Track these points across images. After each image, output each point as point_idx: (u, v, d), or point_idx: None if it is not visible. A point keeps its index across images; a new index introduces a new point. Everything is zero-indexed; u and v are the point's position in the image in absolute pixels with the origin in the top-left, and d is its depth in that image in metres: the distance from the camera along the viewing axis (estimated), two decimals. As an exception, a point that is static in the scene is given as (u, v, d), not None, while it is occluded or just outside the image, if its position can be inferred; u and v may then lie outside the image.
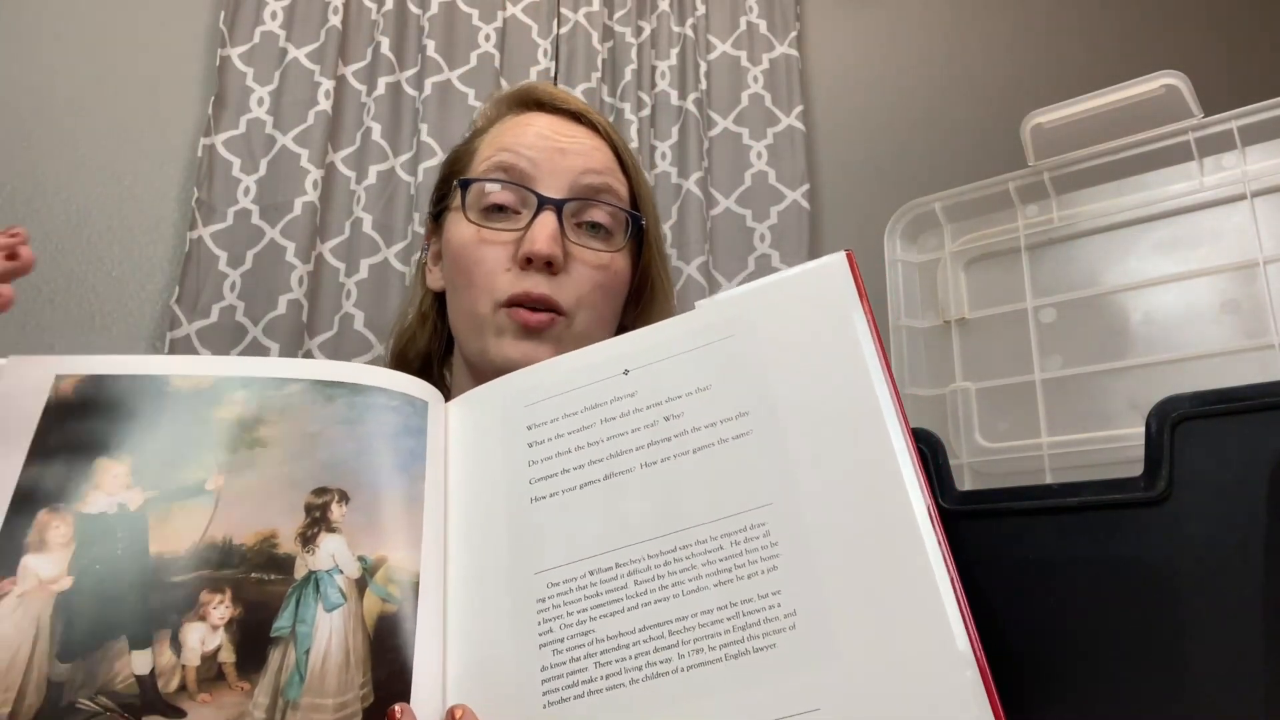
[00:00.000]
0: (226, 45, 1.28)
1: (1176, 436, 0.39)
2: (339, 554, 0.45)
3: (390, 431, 0.50)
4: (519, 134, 0.72)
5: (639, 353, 0.52)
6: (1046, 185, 0.70)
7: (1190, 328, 0.64)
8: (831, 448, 0.46)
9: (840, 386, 0.47)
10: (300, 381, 0.49)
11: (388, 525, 0.47)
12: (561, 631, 0.46)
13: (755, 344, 0.50)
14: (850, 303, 0.49)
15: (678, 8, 1.56)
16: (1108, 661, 0.39)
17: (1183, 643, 0.37)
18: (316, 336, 1.24)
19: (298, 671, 0.42)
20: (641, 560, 0.46)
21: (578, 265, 0.69)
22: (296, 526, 0.45)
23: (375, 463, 0.49)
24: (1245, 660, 0.36)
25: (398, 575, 0.46)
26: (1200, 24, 1.74)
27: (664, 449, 0.49)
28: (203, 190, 1.22)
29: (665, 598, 0.45)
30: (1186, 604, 0.37)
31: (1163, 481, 0.39)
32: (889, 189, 1.58)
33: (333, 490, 0.47)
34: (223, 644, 0.42)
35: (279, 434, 0.48)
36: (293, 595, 0.44)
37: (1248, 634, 0.36)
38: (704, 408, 0.49)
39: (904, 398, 0.71)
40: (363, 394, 0.50)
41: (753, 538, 0.45)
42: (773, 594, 0.43)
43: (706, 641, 0.43)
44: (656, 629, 0.44)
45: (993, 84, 1.68)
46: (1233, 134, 0.62)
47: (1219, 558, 0.37)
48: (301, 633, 0.43)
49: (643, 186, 0.76)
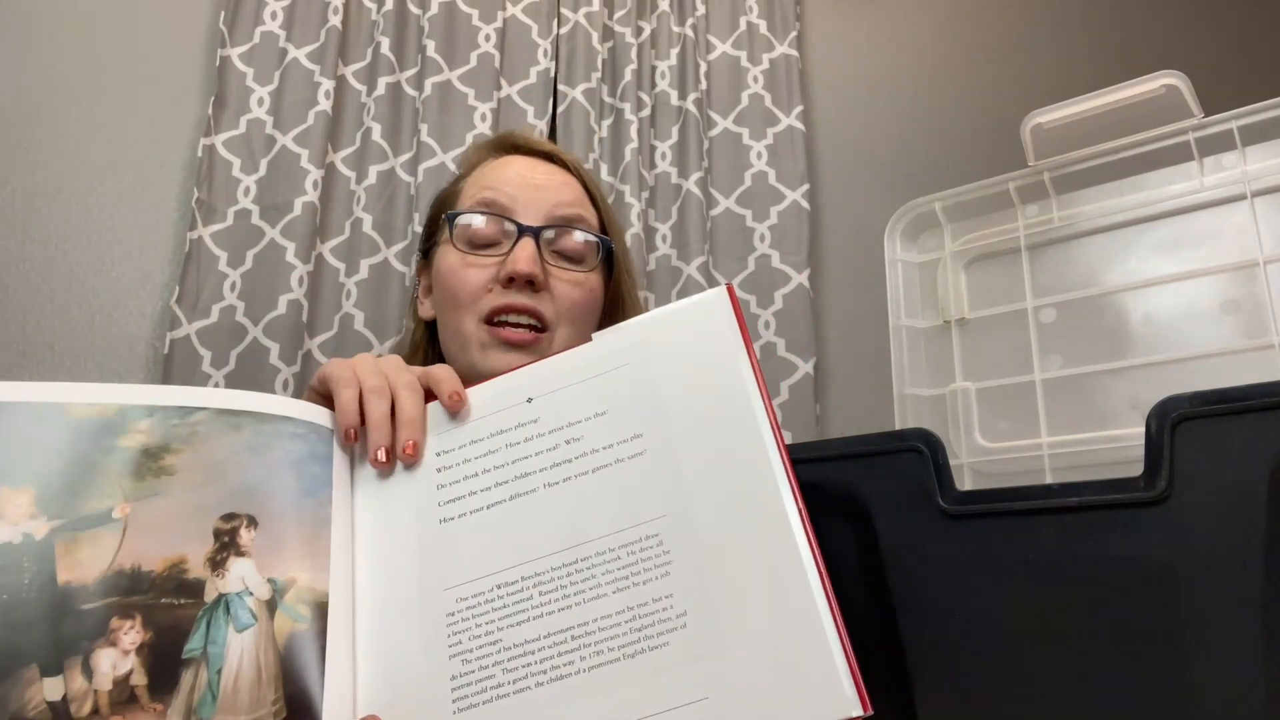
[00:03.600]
0: (226, 45, 1.28)
1: (1176, 436, 0.39)
2: (248, 577, 0.47)
3: (296, 458, 0.52)
4: (499, 174, 0.81)
5: (541, 382, 0.57)
6: (1046, 185, 0.69)
7: (1190, 328, 0.63)
8: (716, 464, 0.50)
9: (723, 408, 0.52)
10: (206, 410, 0.51)
11: (296, 548, 0.49)
12: (470, 642, 0.49)
13: (647, 371, 0.55)
14: (731, 332, 0.54)
15: (678, 8, 1.56)
16: (1108, 661, 0.39)
17: (1183, 643, 0.37)
18: (316, 336, 1.24)
19: (210, 691, 0.44)
20: (546, 573, 0.50)
21: (557, 284, 0.77)
22: (206, 551, 0.47)
23: (282, 488, 0.51)
24: (1245, 660, 0.36)
25: (307, 596, 0.48)
26: (1200, 24, 1.74)
27: (565, 470, 0.53)
28: (203, 190, 1.22)
29: (568, 606, 0.49)
30: (1186, 604, 0.37)
31: (1163, 481, 0.39)
32: (889, 189, 1.58)
33: (241, 515, 0.49)
34: (134, 668, 0.43)
35: (186, 462, 0.49)
36: (203, 618, 0.46)
37: (1248, 634, 0.36)
38: (602, 431, 0.53)
39: (904, 398, 0.71)
40: (268, 423, 0.52)
41: (647, 547, 0.49)
42: (665, 597, 0.48)
43: (606, 643, 0.47)
44: (560, 635, 0.48)
45: (993, 84, 1.68)
46: (1233, 134, 0.62)
47: (1219, 558, 0.37)
48: (213, 653, 0.45)
49: (610, 215, 0.86)
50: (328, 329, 1.25)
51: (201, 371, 1.15)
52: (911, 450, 0.45)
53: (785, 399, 1.40)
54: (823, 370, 1.47)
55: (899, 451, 0.46)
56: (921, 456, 0.45)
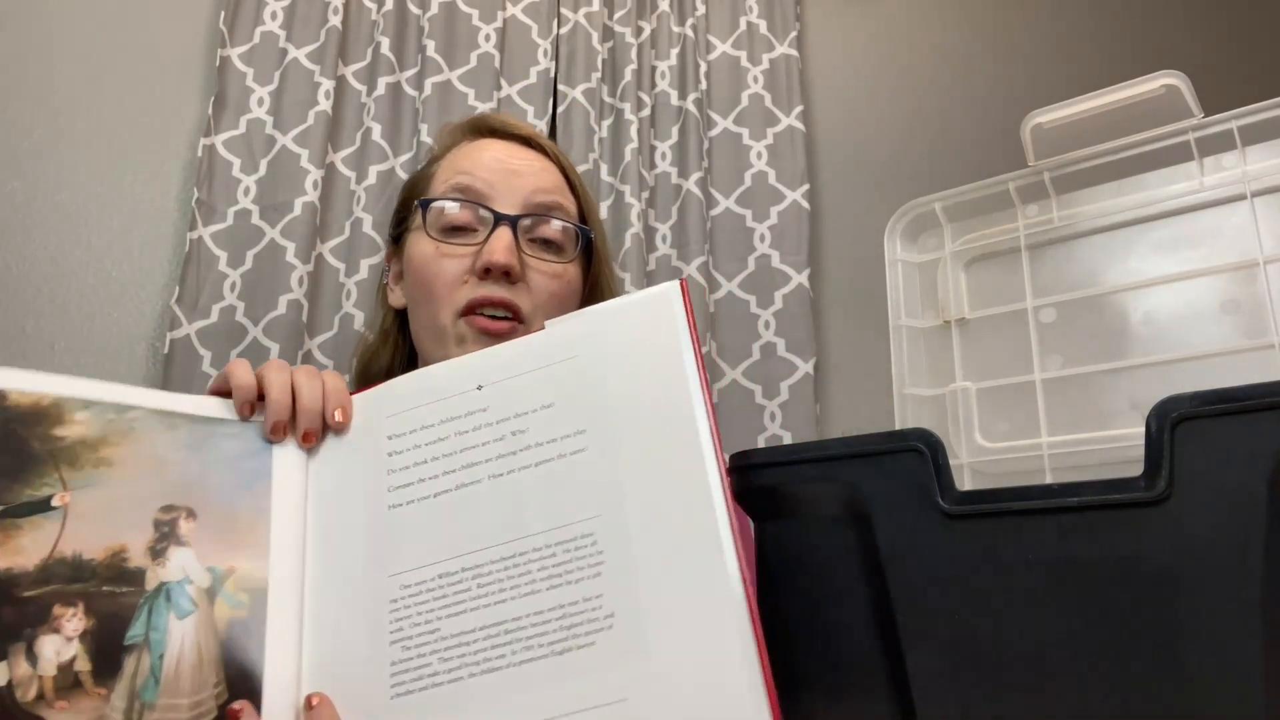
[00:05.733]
0: (226, 45, 1.28)
1: (1176, 436, 0.39)
2: (188, 566, 0.49)
3: (232, 456, 0.54)
4: (475, 158, 0.77)
5: (492, 369, 0.57)
6: (1046, 185, 0.69)
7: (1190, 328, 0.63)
8: (654, 467, 0.51)
9: (666, 410, 0.52)
10: (141, 409, 0.52)
11: (235, 538, 0.51)
12: (411, 630, 0.50)
13: (595, 365, 0.55)
14: (680, 330, 0.54)
15: (678, 8, 1.56)
16: (1107, 661, 0.39)
17: (1183, 643, 0.37)
18: (316, 336, 1.24)
19: (153, 675, 0.46)
20: (485, 565, 0.51)
21: (534, 275, 0.74)
22: (146, 541, 0.49)
23: (220, 483, 0.52)
24: (1245, 660, 0.36)
25: (247, 583, 0.50)
26: (1200, 24, 1.74)
27: (510, 462, 0.53)
28: (203, 190, 1.22)
29: (504, 600, 0.50)
30: (1186, 604, 0.37)
31: (1163, 481, 0.39)
32: (889, 189, 1.58)
33: (180, 507, 0.50)
34: (78, 654, 0.45)
35: (124, 455, 0.50)
36: (145, 605, 0.47)
37: (1248, 634, 0.36)
38: (547, 424, 0.54)
39: (904, 398, 0.71)
40: (203, 424, 0.54)
41: (582, 546, 0.50)
42: (595, 597, 0.49)
43: (537, 639, 0.49)
44: (495, 628, 0.49)
45: (993, 84, 1.68)
46: (1233, 134, 0.62)
47: (1219, 558, 0.37)
48: (155, 639, 0.47)
49: (590, 203, 0.83)
50: (328, 329, 1.25)
51: (202, 372, 1.15)
52: (911, 450, 0.45)
53: (785, 399, 1.40)
54: (823, 370, 1.47)
55: (899, 451, 0.46)
56: (921, 456, 0.45)
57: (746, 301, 1.45)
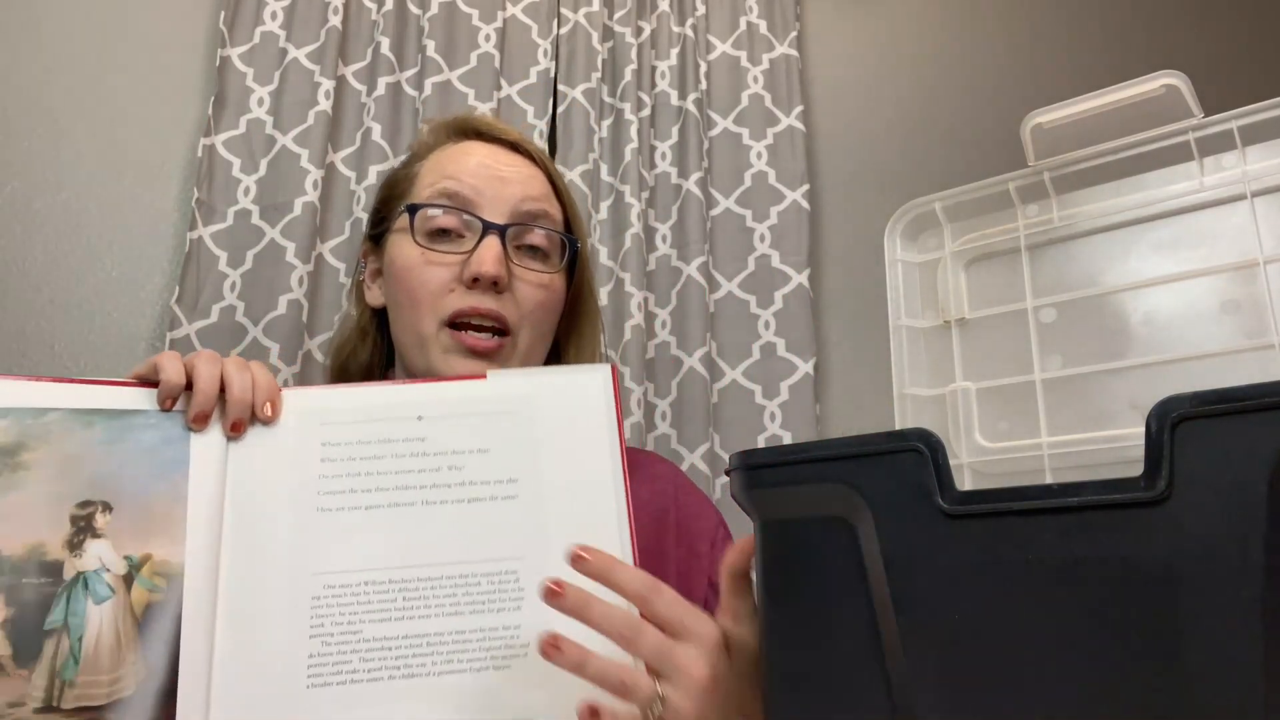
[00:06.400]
0: (226, 45, 1.28)
1: (1176, 436, 0.39)
2: (105, 555, 0.53)
3: (149, 446, 0.57)
4: (461, 162, 0.77)
5: (432, 403, 0.62)
6: (1046, 185, 0.69)
7: (1190, 328, 0.63)
8: (574, 525, 0.59)
9: (589, 479, 0.61)
10: (59, 410, 0.55)
11: (151, 526, 0.55)
12: (332, 627, 0.55)
13: (530, 426, 0.62)
14: (606, 409, 0.63)
15: (678, 8, 1.55)
16: (1107, 661, 0.39)
17: (1183, 642, 0.37)
18: (316, 336, 1.24)
19: (72, 656, 0.50)
20: (413, 581, 0.56)
21: (521, 285, 0.74)
22: (63, 536, 0.53)
23: (136, 474, 0.55)
24: (1245, 660, 0.36)
25: (163, 568, 0.54)
26: (1200, 24, 1.74)
27: (444, 493, 0.59)
28: (203, 190, 1.22)
29: (428, 615, 0.55)
30: (1186, 604, 0.37)
31: (1163, 481, 0.39)
32: (889, 189, 1.58)
33: (96, 502, 0.54)
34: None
35: (41, 458, 0.54)
36: (63, 593, 0.51)
37: (1248, 634, 0.36)
38: (482, 467, 0.60)
39: (904, 398, 0.71)
40: (120, 418, 0.57)
41: (506, 581, 0.57)
42: (515, 627, 0.56)
43: (457, 655, 0.54)
44: (418, 639, 0.55)
45: (993, 84, 1.68)
46: (1233, 134, 0.62)
47: (1219, 558, 0.37)
48: (74, 624, 0.51)
49: (575, 211, 0.83)
50: (328, 329, 1.25)
51: (201, 371, 1.15)
52: (911, 450, 0.45)
53: (785, 399, 1.40)
54: (823, 370, 1.47)
55: (899, 451, 0.46)
56: (921, 456, 0.45)
57: (746, 301, 1.45)
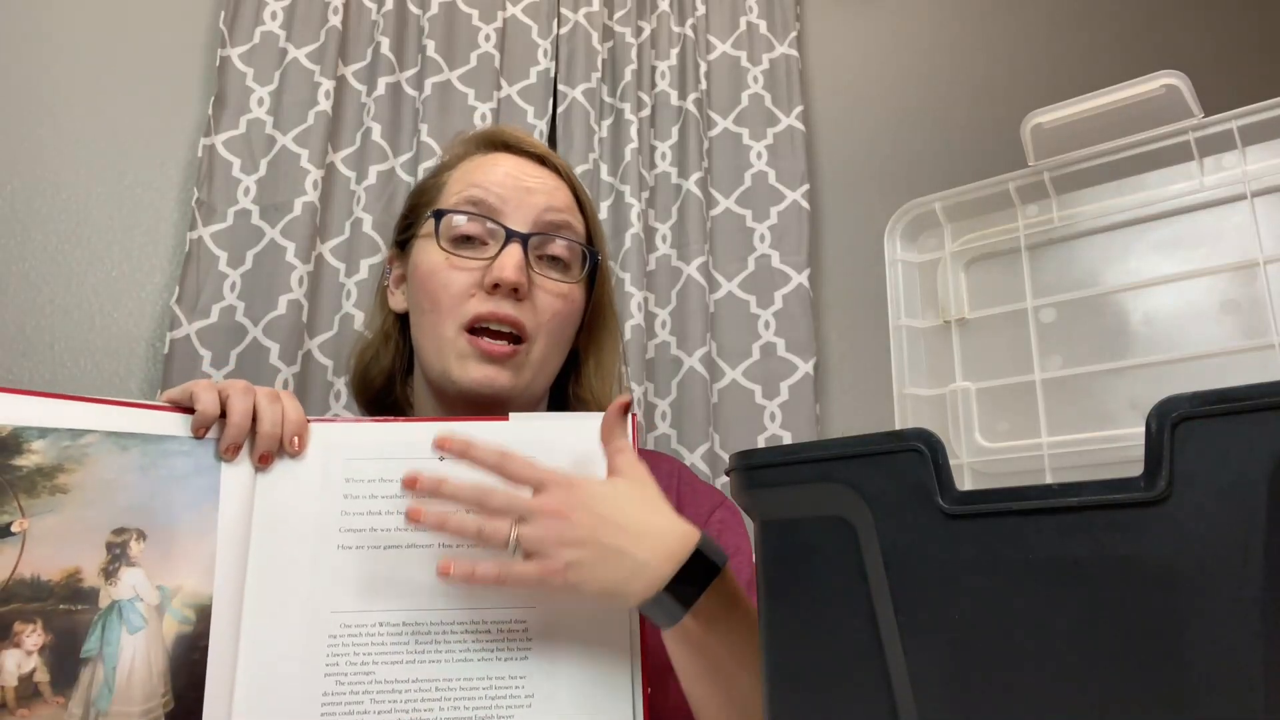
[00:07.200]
0: (226, 45, 1.28)
1: (1176, 436, 0.39)
2: (139, 585, 0.53)
3: (182, 474, 0.57)
4: (488, 172, 0.78)
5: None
6: (1046, 185, 0.69)
7: (1190, 328, 0.63)
8: None
9: None
10: (96, 433, 0.55)
11: (183, 557, 0.55)
12: (347, 667, 0.55)
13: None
14: None
15: (678, 8, 1.55)
16: (1107, 661, 0.39)
17: (1183, 643, 0.37)
18: (316, 336, 1.24)
19: (107, 686, 0.50)
20: (425, 625, 0.57)
21: (540, 294, 0.75)
22: (99, 563, 0.53)
23: (170, 502, 0.56)
24: (1245, 660, 0.36)
25: (192, 599, 0.54)
26: (1200, 24, 1.74)
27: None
28: (203, 190, 1.22)
29: (438, 660, 0.56)
30: (1186, 604, 0.37)
31: (1163, 481, 0.39)
32: (889, 189, 1.58)
33: (131, 530, 0.54)
34: (37, 666, 0.49)
35: (78, 481, 0.54)
36: (99, 621, 0.52)
37: (1248, 633, 0.36)
38: None
39: (904, 398, 0.71)
40: (155, 443, 0.57)
41: (515, 630, 0.57)
42: (520, 677, 0.56)
43: (464, 701, 0.55)
44: (427, 683, 0.55)
45: (993, 84, 1.68)
46: (1233, 134, 0.62)
47: (1219, 557, 0.37)
48: (108, 653, 0.51)
49: (597, 226, 0.84)
50: (328, 329, 1.25)
51: (201, 372, 1.15)
52: (911, 450, 0.45)
53: (785, 399, 1.40)
54: (823, 370, 1.47)
55: (899, 451, 0.46)
56: (921, 456, 0.45)
57: (746, 301, 1.45)
